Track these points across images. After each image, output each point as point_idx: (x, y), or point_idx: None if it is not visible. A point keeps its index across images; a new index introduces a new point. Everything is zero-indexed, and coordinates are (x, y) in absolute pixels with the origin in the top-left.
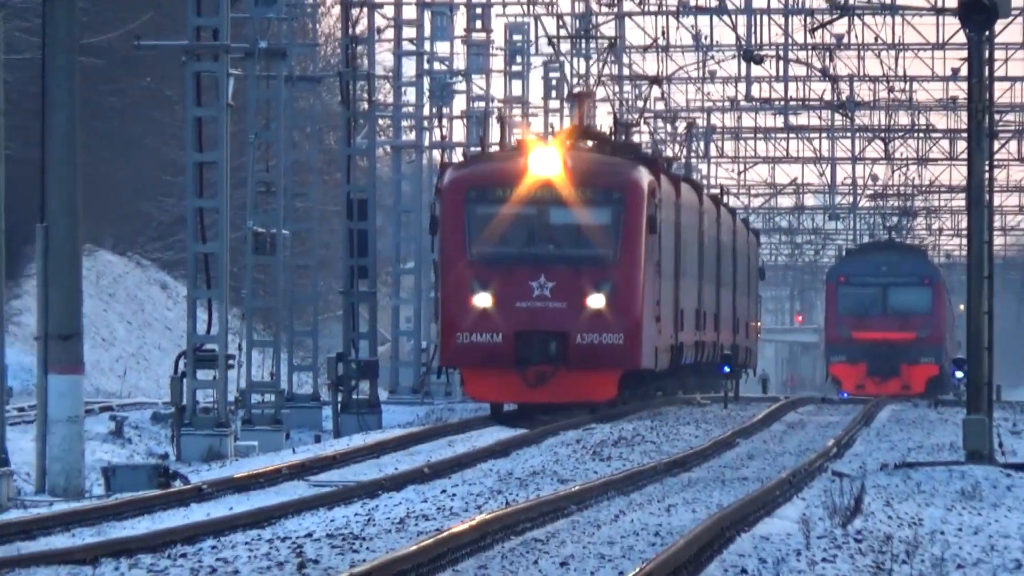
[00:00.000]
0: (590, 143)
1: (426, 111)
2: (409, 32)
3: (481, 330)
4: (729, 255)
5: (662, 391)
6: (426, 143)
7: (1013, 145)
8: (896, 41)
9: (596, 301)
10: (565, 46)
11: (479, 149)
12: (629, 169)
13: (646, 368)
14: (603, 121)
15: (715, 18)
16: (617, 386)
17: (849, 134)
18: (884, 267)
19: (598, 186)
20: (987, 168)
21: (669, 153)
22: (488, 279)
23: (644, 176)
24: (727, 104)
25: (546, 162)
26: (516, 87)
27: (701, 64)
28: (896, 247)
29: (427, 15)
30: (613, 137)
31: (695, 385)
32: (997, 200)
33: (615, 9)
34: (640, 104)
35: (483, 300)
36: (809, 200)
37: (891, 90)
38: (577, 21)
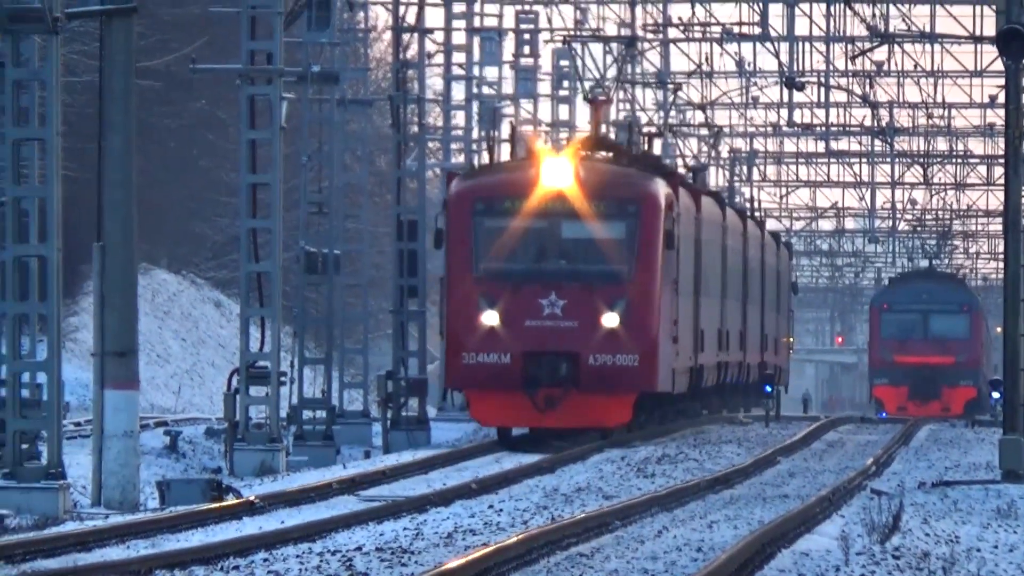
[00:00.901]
0: (606, 154)
1: (475, 134)
2: (459, 57)
3: (488, 350)
4: (757, 270)
5: (682, 414)
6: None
7: None
8: (935, 68)
9: (610, 320)
10: (612, 72)
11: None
12: (645, 181)
13: (662, 391)
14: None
15: (758, 45)
16: (632, 410)
17: (888, 159)
18: (925, 295)
19: (612, 199)
20: (1023, 193)
21: (714, 178)
22: (496, 296)
23: (661, 188)
24: (770, 129)
25: (557, 173)
26: (563, 111)
27: (744, 90)
28: (936, 276)
29: (476, 41)
30: (633, 149)
31: (719, 407)
32: None
33: (660, 35)
34: (684, 129)
35: (490, 318)
36: (849, 223)
37: (930, 116)
38: (622, 47)
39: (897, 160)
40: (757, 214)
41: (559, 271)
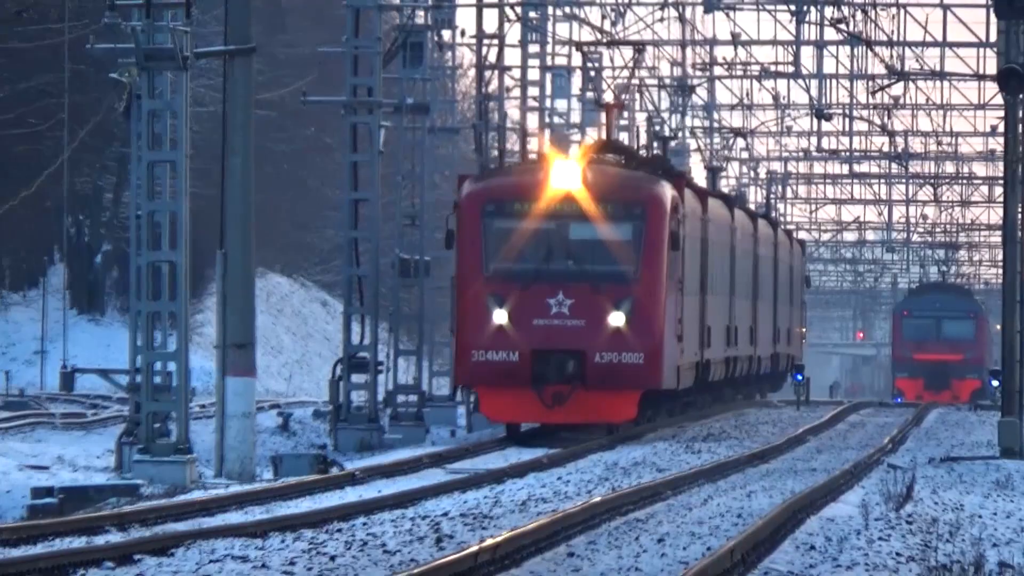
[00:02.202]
0: (616, 157)
1: None
2: (533, 91)
3: (497, 348)
4: (769, 267)
5: (690, 406)
6: None
7: None
8: (944, 102)
9: (616, 319)
10: (665, 103)
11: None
12: (651, 183)
13: (667, 388)
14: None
15: (791, 82)
16: (637, 406)
17: (903, 180)
18: (938, 304)
19: (618, 201)
20: (1020, 210)
21: (753, 196)
22: (504, 296)
23: (666, 190)
24: (801, 154)
25: (565, 176)
26: (623, 138)
27: (779, 120)
28: (947, 287)
29: (548, 77)
30: (649, 152)
31: (731, 397)
32: None
33: (707, 73)
34: (727, 153)
35: (499, 317)
36: (869, 235)
37: (939, 143)
38: (675, 83)
39: (911, 181)
40: (783, 221)
41: (566, 271)
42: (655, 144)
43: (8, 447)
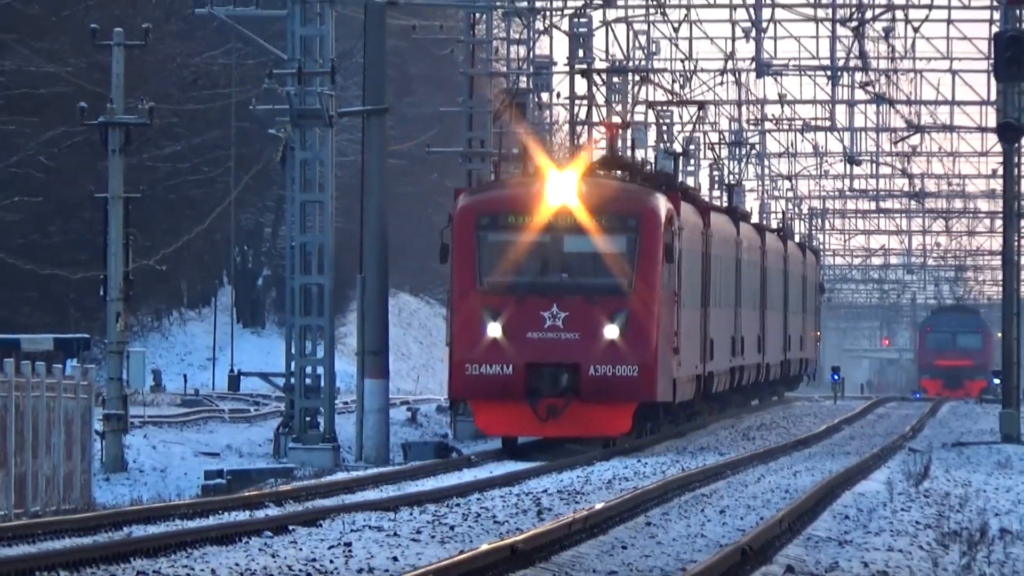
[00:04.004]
0: (616, 173)
1: None
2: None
3: (491, 361)
4: (778, 278)
5: (695, 417)
6: None
7: None
8: (953, 150)
9: (610, 332)
10: (723, 152)
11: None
12: (645, 196)
13: (662, 401)
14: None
15: (828, 134)
16: (632, 419)
17: (920, 214)
18: (954, 322)
19: (613, 213)
20: (1016, 238)
21: (798, 228)
22: (499, 309)
23: (661, 203)
24: (836, 193)
25: (560, 189)
26: (690, 181)
27: (818, 165)
28: (960, 309)
29: (630, 132)
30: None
31: (740, 404)
32: None
33: (759, 127)
34: (776, 193)
35: (493, 330)
36: (893, 260)
37: (950, 184)
38: (732, 136)
39: (926, 215)
40: (822, 248)
41: (561, 284)
42: (719, 188)
43: (186, 437)
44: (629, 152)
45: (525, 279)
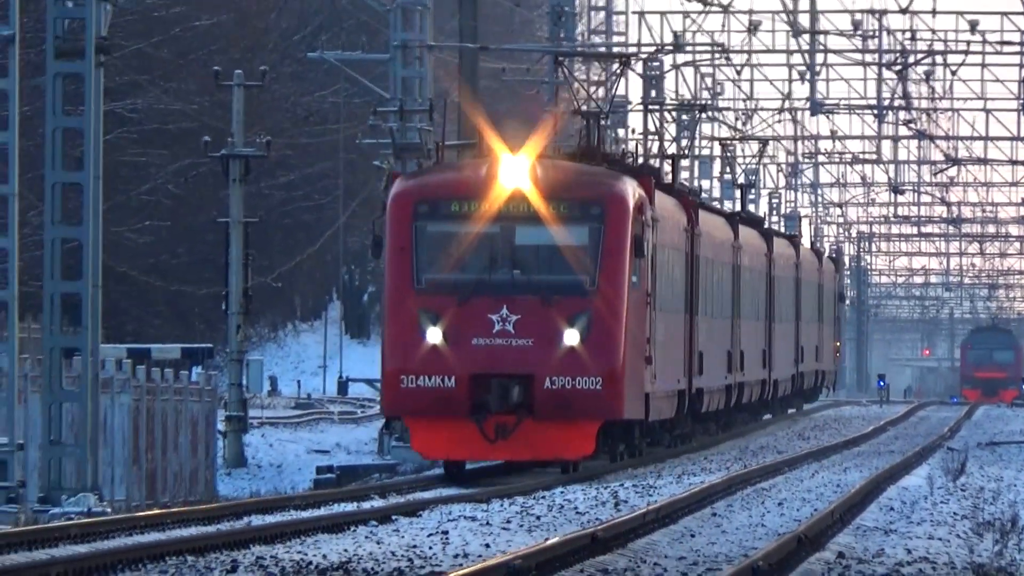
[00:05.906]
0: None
1: None
2: (684, 174)
3: (430, 372)
4: (788, 287)
5: (682, 439)
6: None
7: None
8: (987, 180)
9: (570, 338)
10: (781, 182)
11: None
12: (610, 179)
13: (630, 419)
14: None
15: (875, 166)
16: (595, 440)
17: (958, 238)
18: (991, 340)
19: (572, 200)
20: None
21: (848, 251)
22: (439, 311)
23: (629, 188)
24: (882, 219)
25: (512, 172)
26: (750, 208)
27: (866, 194)
28: (997, 329)
29: (696, 163)
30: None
31: (740, 423)
32: None
33: (813, 160)
34: (828, 219)
35: (433, 336)
36: (933, 279)
37: (984, 211)
38: (789, 168)
39: (963, 239)
40: (869, 269)
41: (511, 282)
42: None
43: (299, 436)
44: (695, 182)
45: (470, 276)
